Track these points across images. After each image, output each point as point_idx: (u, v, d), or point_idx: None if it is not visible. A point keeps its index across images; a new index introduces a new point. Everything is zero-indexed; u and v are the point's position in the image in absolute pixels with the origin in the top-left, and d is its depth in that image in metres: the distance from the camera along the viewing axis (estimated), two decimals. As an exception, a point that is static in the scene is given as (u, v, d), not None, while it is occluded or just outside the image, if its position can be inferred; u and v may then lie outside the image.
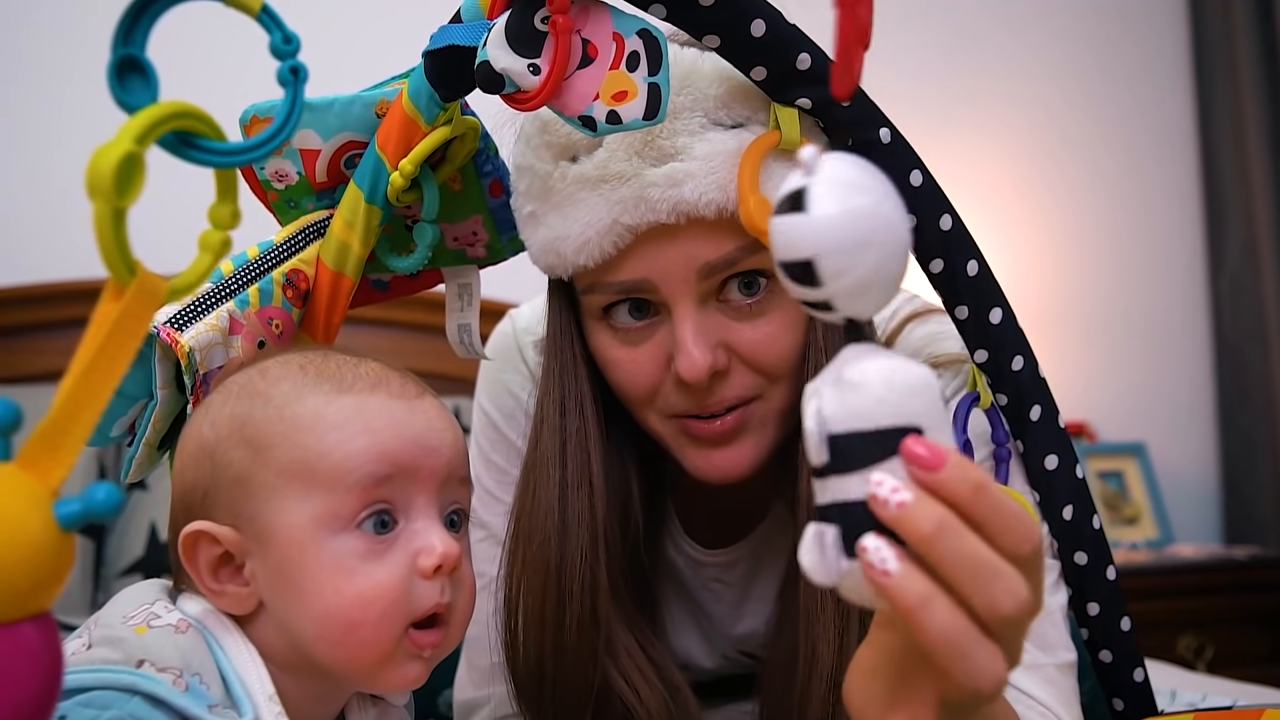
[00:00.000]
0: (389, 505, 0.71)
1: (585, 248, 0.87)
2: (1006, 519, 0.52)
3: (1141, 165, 3.37)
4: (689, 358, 0.87)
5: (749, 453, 0.94)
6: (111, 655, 0.66)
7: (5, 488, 0.46)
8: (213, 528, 0.70)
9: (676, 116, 0.85)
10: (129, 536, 2.14)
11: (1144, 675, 1.03)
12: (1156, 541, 3.03)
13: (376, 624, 0.69)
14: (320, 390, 0.73)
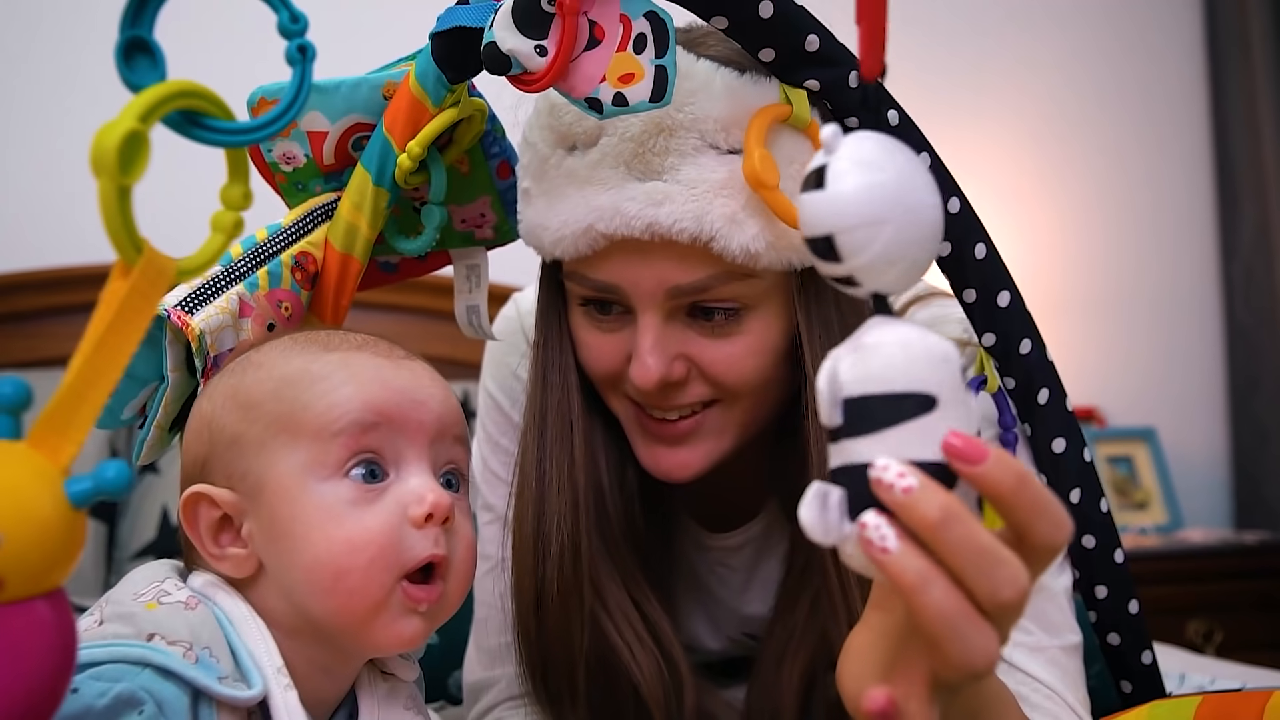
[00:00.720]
0: (377, 455, 0.72)
1: (561, 243, 0.88)
2: (1046, 508, 0.53)
3: (1153, 149, 3.35)
4: (643, 367, 0.88)
5: (699, 458, 0.95)
6: (123, 630, 0.67)
7: (16, 466, 0.46)
8: (209, 490, 0.72)
9: (674, 133, 0.85)
10: (141, 520, 2.15)
11: (1152, 658, 1.03)
12: (1166, 526, 3.03)
13: (365, 570, 0.69)
14: (307, 351, 0.75)
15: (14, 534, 0.44)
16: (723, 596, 1.12)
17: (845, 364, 0.54)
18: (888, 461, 0.52)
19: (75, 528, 0.47)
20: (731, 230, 0.83)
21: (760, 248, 0.84)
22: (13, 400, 0.48)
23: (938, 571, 0.51)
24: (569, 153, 0.89)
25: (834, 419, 0.54)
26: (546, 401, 0.98)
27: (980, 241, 0.91)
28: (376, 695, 0.79)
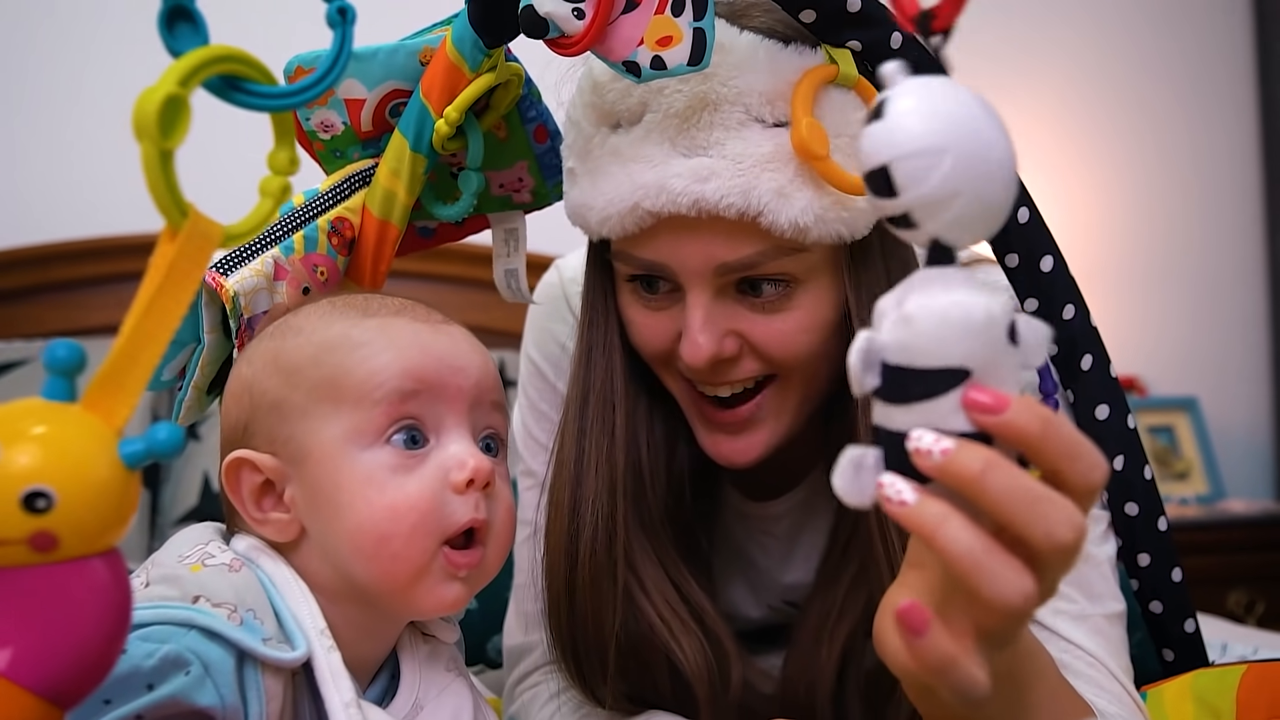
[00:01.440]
0: (418, 422, 0.72)
1: (607, 222, 0.87)
2: (1078, 448, 0.53)
3: (1197, 114, 3.30)
4: (693, 345, 0.88)
5: (760, 442, 0.94)
6: (169, 592, 0.68)
7: (72, 428, 0.47)
8: (251, 455, 0.73)
9: (718, 107, 0.84)
10: (183, 486, 2.18)
11: (1195, 626, 1.02)
12: (1207, 497, 3.00)
13: (408, 536, 0.70)
14: (346, 316, 0.76)
15: (69, 494, 0.45)
16: (763, 565, 1.12)
17: (885, 327, 0.54)
18: (922, 432, 0.52)
19: (129, 488, 0.48)
20: (779, 204, 0.82)
21: (809, 221, 0.83)
22: (67, 363, 0.48)
23: (955, 511, 0.52)
24: (613, 130, 0.88)
25: (869, 382, 0.54)
26: (589, 381, 0.98)
27: (1024, 205, 0.90)
28: (418, 657, 0.79)
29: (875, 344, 0.54)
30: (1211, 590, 2.64)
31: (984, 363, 0.52)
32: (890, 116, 0.51)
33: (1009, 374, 0.53)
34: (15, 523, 0.44)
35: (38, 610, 0.45)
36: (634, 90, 0.86)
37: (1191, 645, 1.02)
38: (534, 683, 1.09)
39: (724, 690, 0.96)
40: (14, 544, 0.44)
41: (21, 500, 0.44)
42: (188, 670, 0.64)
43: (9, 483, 0.44)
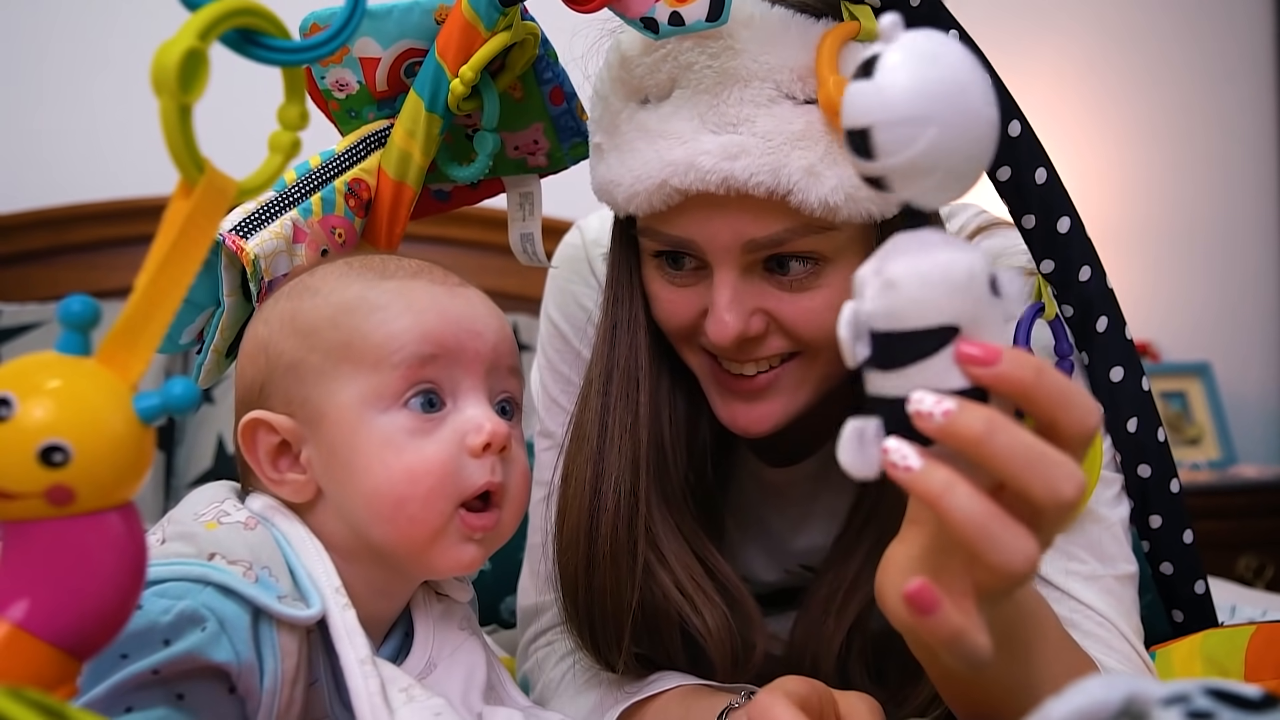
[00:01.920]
0: (435, 386, 0.72)
1: (634, 199, 0.86)
2: (1070, 395, 0.53)
3: (1213, 77, 3.27)
4: (720, 323, 0.87)
5: (776, 412, 0.94)
6: (184, 549, 0.68)
7: (88, 383, 0.47)
8: (269, 415, 0.73)
9: (748, 83, 0.82)
10: (198, 448, 2.19)
11: (1205, 588, 1.02)
12: (1219, 462, 3.00)
13: (425, 499, 0.70)
14: (364, 278, 0.76)
15: (85, 448, 0.45)
16: (779, 529, 1.12)
17: (868, 296, 0.53)
18: (922, 394, 0.52)
19: (144, 443, 0.48)
20: (810, 183, 0.81)
21: (839, 200, 0.82)
22: (81, 317, 0.48)
23: (960, 478, 0.52)
24: (641, 106, 0.87)
25: (859, 354, 0.54)
26: (614, 358, 0.97)
27: (1041, 166, 0.90)
28: (431, 615, 0.80)
29: (861, 314, 0.53)
30: (1221, 554, 2.64)
31: (971, 318, 0.52)
32: (879, 77, 0.51)
33: (995, 326, 0.54)
34: (32, 476, 0.45)
35: (54, 563, 0.46)
36: (663, 65, 0.85)
37: (1201, 606, 1.02)
38: (547, 642, 1.09)
39: (746, 658, 0.96)
40: (30, 497, 0.45)
41: (38, 454, 0.45)
42: (204, 626, 0.64)
43: (26, 436, 0.45)
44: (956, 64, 0.51)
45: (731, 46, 0.82)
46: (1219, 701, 0.45)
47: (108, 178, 2.49)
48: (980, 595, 0.56)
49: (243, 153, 0.84)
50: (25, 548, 0.46)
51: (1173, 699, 0.46)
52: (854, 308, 0.54)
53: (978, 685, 0.68)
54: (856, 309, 0.54)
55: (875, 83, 0.51)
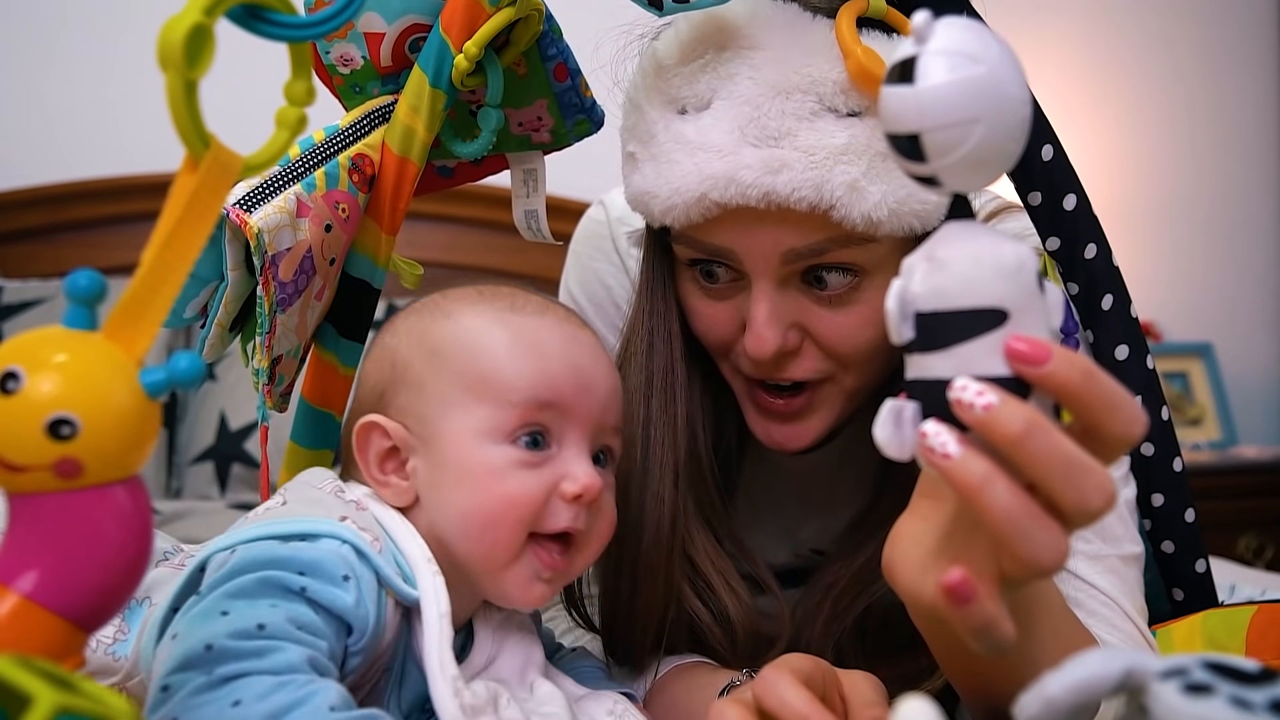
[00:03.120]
0: (545, 429, 0.75)
1: (671, 212, 0.84)
2: (1117, 400, 0.53)
3: (1216, 57, 3.26)
4: (758, 338, 0.86)
5: (812, 430, 0.94)
6: (316, 511, 0.72)
7: (94, 357, 0.47)
8: (386, 422, 0.76)
9: (789, 95, 0.80)
10: (200, 426, 2.19)
11: (1206, 566, 1.02)
12: (1220, 443, 3.00)
13: (514, 525, 0.73)
14: (494, 308, 0.78)
15: (92, 421, 0.46)
16: (794, 513, 1.12)
17: (917, 278, 0.53)
18: (965, 381, 0.52)
19: (150, 417, 0.48)
20: (853, 198, 0.80)
21: (883, 215, 0.80)
22: (87, 292, 0.48)
23: (1000, 472, 0.51)
24: (679, 116, 0.85)
25: (904, 334, 0.54)
26: (652, 368, 0.96)
27: (1047, 143, 0.89)
28: (492, 622, 0.81)
29: (909, 293, 0.53)
30: (1222, 535, 2.64)
31: (1018, 305, 0.52)
32: (921, 84, 0.51)
33: (1041, 320, 0.53)
34: (40, 449, 0.45)
35: (62, 535, 0.46)
36: (701, 75, 0.83)
37: (1201, 585, 1.02)
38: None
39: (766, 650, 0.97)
40: (39, 470, 0.45)
41: (46, 427, 0.45)
42: (348, 578, 0.67)
43: (34, 410, 0.45)
44: (995, 58, 0.51)
45: (773, 57, 0.80)
46: (1217, 675, 0.45)
47: (111, 154, 2.49)
48: (1004, 582, 0.55)
49: (249, 130, 0.84)
50: (33, 520, 0.46)
51: (1171, 672, 0.46)
52: (902, 285, 0.54)
53: (980, 660, 0.68)
54: (905, 287, 0.54)
55: (917, 89, 0.51)
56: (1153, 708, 0.45)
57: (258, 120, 0.82)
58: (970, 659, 0.69)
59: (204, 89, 0.52)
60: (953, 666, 0.72)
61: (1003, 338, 0.52)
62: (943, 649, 0.72)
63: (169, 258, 0.50)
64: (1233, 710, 0.43)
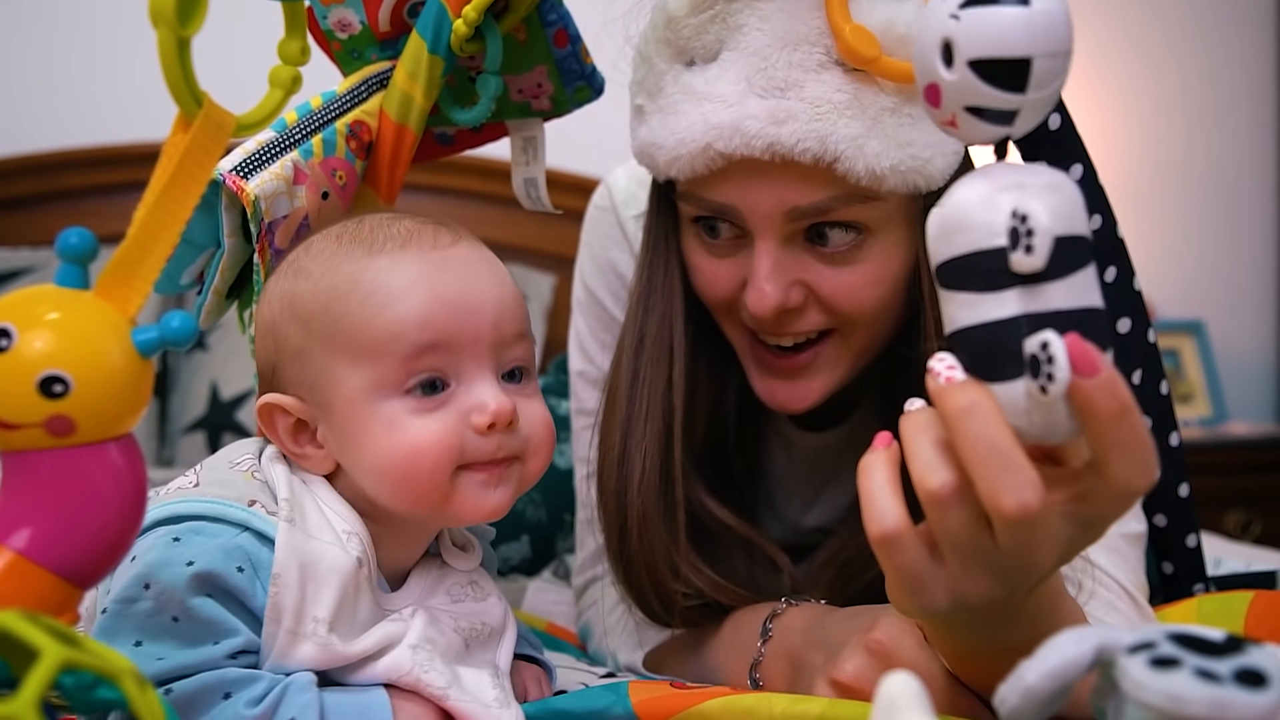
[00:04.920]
0: (437, 372, 0.71)
1: (676, 163, 0.84)
2: (1136, 449, 0.52)
3: (1211, 32, 3.24)
4: (759, 294, 0.85)
5: (815, 390, 0.93)
6: (225, 493, 0.70)
7: (86, 315, 0.47)
8: (281, 400, 0.74)
9: (797, 47, 0.80)
10: (191, 395, 2.19)
11: (1197, 541, 1.02)
12: (1210, 420, 3.01)
13: (430, 473, 0.70)
14: (353, 256, 0.73)
15: (85, 380, 0.45)
16: (801, 494, 1.12)
17: (1038, 203, 0.50)
18: (944, 355, 0.52)
19: (142, 376, 0.48)
20: (856, 152, 0.79)
21: (885, 170, 0.80)
22: (79, 250, 0.48)
23: (987, 407, 0.51)
24: (687, 68, 0.85)
25: (1039, 261, 0.50)
26: (646, 326, 0.95)
27: (1056, 112, 0.88)
28: (429, 574, 0.80)
29: (1039, 219, 0.50)
30: (1210, 510, 2.63)
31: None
32: (1037, 5, 0.49)
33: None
34: (32, 407, 0.45)
35: (55, 493, 0.46)
36: (711, 27, 0.83)
37: (1192, 559, 1.02)
38: (601, 588, 1.09)
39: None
40: (31, 427, 0.45)
41: (38, 384, 0.44)
42: (240, 568, 0.67)
43: (26, 367, 0.45)
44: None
45: (782, 9, 0.80)
46: (1183, 647, 0.45)
47: (102, 123, 2.47)
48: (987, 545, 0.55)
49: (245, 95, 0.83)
50: (27, 478, 0.46)
51: (1138, 646, 0.46)
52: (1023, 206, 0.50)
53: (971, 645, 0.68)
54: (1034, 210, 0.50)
55: (1033, 11, 0.49)
56: (1121, 682, 0.45)
57: (251, 85, 0.81)
58: (980, 659, 0.68)
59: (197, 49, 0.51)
60: (945, 649, 0.72)
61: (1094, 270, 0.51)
62: (936, 636, 0.71)
63: (161, 216, 0.50)
64: (1198, 682, 0.43)
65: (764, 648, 0.87)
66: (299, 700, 0.66)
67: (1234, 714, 0.41)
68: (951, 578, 0.56)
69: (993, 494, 0.51)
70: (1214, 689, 0.42)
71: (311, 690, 0.67)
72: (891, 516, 0.55)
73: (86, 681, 0.40)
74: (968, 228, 0.51)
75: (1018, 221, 0.50)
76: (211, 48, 0.70)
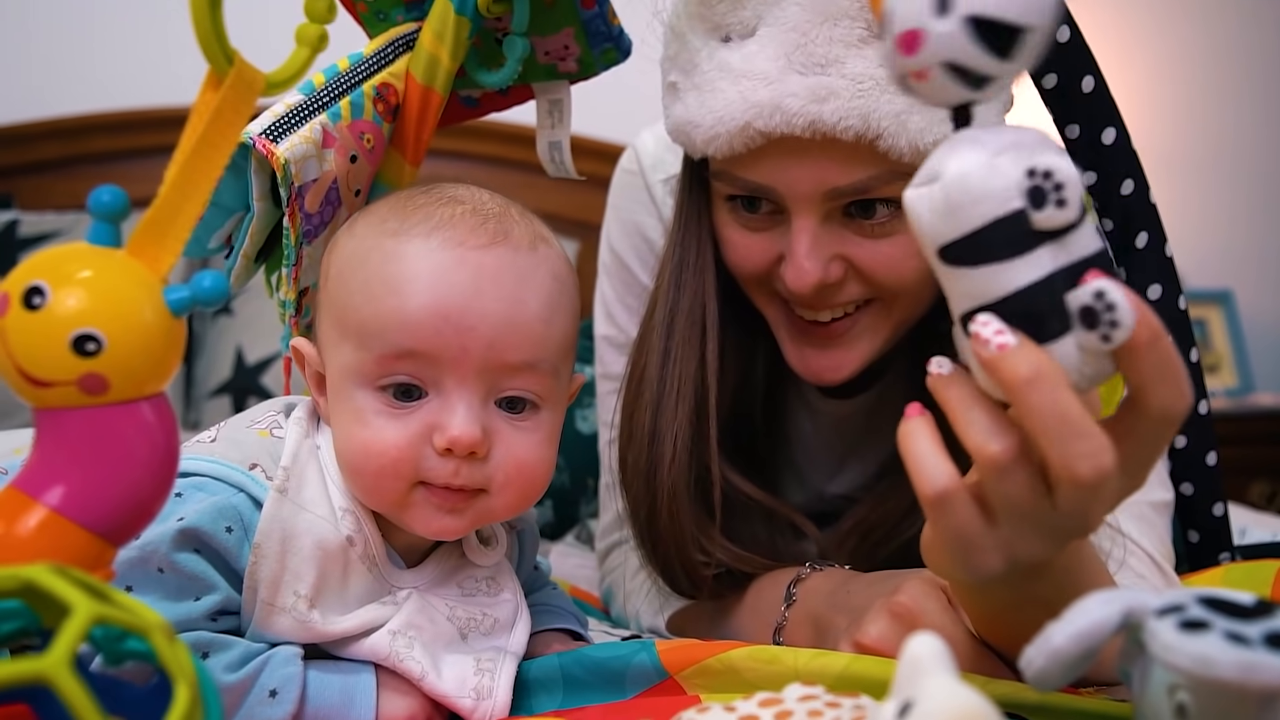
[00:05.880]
0: (414, 380, 0.69)
1: (714, 141, 0.83)
2: (1170, 372, 0.51)
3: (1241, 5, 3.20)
4: (798, 270, 0.84)
5: (852, 359, 0.92)
6: (231, 453, 0.70)
7: (119, 274, 0.47)
8: (304, 346, 0.74)
9: (837, 22, 0.78)
10: (217, 359, 2.20)
11: (1224, 510, 1.02)
12: (1236, 390, 2.99)
13: (376, 475, 0.69)
14: (384, 230, 0.72)
15: (118, 339, 0.45)
16: (825, 460, 1.11)
17: (1051, 158, 0.49)
18: (988, 317, 0.50)
19: (174, 334, 0.48)
20: (899, 128, 0.78)
21: (929, 145, 0.78)
22: (111, 208, 0.48)
23: (1050, 370, 0.50)
24: (722, 44, 0.83)
25: (1073, 213, 0.49)
26: (678, 304, 0.94)
27: (1089, 74, 0.87)
28: (447, 563, 0.78)
29: (1065, 172, 0.49)
30: (1235, 480, 2.63)
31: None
32: None
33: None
34: (66, 365, 0.45)
35: (88, 450, 0.46)
36: (746, 2, 0.81)
37: (1218, 529, 1.02)
38: (623, 553, 1.10)
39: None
40: (64, 385, 0.45)
41: (71, 343, 0.44)
42: (230, 529, 0.67)
43: (59, 325, 0.45)
44: None
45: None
46: (1213, 610, 0.45)
47: (130, 86, 2.48)
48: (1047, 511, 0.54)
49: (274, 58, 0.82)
50: (60, 435, 0.46)
51: (1167, 609, 0.45)
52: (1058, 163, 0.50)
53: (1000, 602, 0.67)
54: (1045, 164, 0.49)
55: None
56: (1149, 644, 0.45)
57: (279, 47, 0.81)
58: (1008, 616, 0.68)
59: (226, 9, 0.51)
60: (991, 629, 0.71)
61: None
62: (982, 615, 0.71)
63: (193, 174, 0.50)
64: (1228, 645, 0.42)
65: (788, 611, 0.87)
66: (282, 672, 0.66)
67: (1263, 677, 0.41)
68: (1005, 540, 0.55)
69: (1068, 462, 0.50)
70: (1244, 652, 0.42)
71: (296, 664, 0.67)
72: (944, 476, 0.54)
73: (115, 633, 0.40)
74: (979, 199, 0.50)
75: (1041, 179, 0.49)
76: (240, 7, 0.70)
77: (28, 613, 0.41)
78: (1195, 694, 0.43)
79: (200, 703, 0.40)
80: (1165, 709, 0.44)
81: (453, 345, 0.67)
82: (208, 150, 0.50)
